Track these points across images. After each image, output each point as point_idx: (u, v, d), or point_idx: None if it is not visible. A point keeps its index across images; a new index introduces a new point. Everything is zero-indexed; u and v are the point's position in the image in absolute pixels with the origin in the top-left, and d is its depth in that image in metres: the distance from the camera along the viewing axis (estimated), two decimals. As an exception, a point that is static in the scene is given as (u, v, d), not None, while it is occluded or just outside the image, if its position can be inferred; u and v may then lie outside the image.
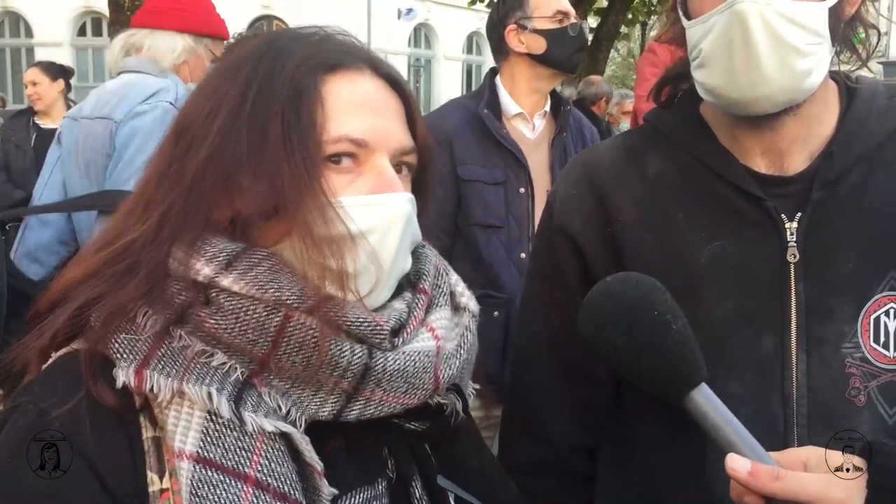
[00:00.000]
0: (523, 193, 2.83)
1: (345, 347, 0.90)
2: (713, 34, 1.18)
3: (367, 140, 0.96)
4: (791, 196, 1.27)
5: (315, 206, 0.90)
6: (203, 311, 0.89)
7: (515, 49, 2.89)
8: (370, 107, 0.99)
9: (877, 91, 1.31)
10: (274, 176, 0.91)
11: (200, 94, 0.99)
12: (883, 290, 1.23)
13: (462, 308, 1.09)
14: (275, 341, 0.89)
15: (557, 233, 1.40)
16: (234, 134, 0.93)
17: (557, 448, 1.43)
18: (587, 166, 1.41)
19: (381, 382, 0.93)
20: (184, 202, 0.93)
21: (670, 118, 1.39)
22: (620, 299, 1.01)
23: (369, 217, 0.94)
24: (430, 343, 0.98)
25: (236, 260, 0.90)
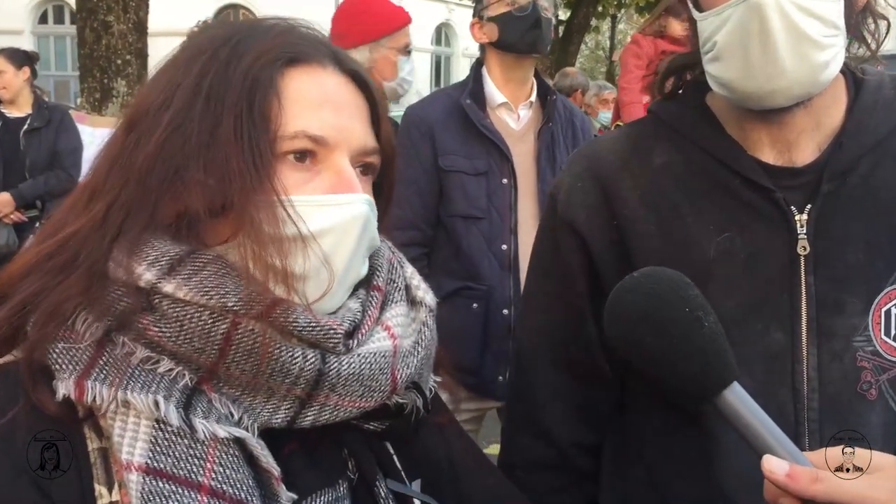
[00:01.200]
0: (506, 184, 2.81)
1: (296, 354, 0.86)
2: (729, 26, 1.16)
3: (326, 137, 0.92)
4: (800, 188, 1.25)
5: (264, 204, 0.86)
6: (146, 318, 0.85)
7: (479, 41, 2.92)
8: (332, 103, 0.95)
9: (883, 82, 1.30)
10: (223, 170, 0.87)
11: (153, 86, 0.94)
12: (893, 282, 1.22)
13: (418, 302, 1.06)
14: (222, 349, 0.85)
15: (561, 226, 1.37)
16: (185, 126, 0.89)
17: (560, 445, 1.41)
18: (591, 159, 1.38)
19: (336, 387, 0.89)
20: (130, 195, 0.88)
21: (676, 109, 1.36)
22: (650, 296, 0.97)
23: (324, 218, 0.90)
24: (387, 343, 0.95)
25: (179, 264, 0.86)
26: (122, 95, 7.60)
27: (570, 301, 1.37)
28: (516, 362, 1.46)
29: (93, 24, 7.55)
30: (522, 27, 2.83)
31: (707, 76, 1.24)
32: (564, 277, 1.37)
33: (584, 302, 1.36)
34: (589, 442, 1.43)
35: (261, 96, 0.90)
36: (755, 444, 0.92)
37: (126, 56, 7.58)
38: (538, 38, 2.84)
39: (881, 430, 1.21)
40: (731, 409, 0.93)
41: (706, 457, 1.26)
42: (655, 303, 0.96)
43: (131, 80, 7.63)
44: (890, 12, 1.25)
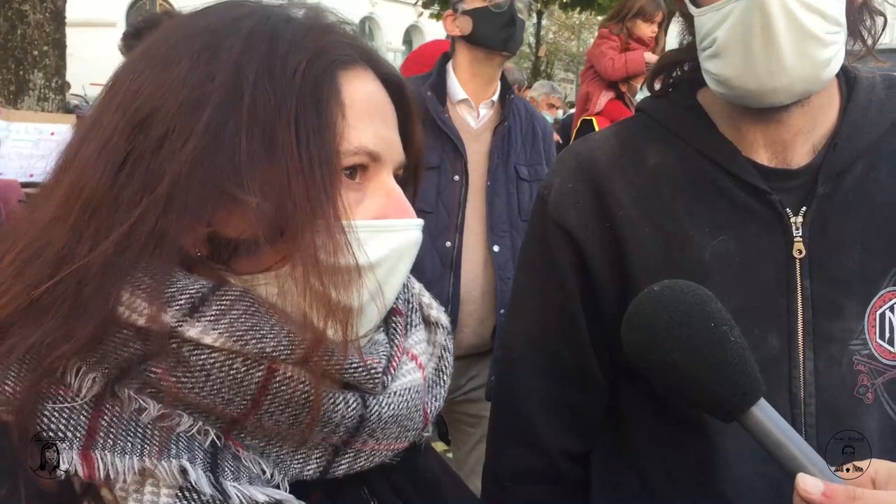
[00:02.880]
0: (457, 181, 2.76)
1: (338, 400, 0.77)
2: (730, 22, 1.13)
3: (380, 153, 0.82)
4: (795, 190, 1.24)
5: (324, 230, 0.75)
6: (158, 366, 0.71)
7: (452, 33, 2.87)
8: (380, 113, 0.84)
9: (875, 81, 1.29)
10: (284, 191, 0.73)
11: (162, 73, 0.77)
12: (888, 285, 1.21)
13: (433, 323, 0.97)
14: (255, 400, 0.74)
15: (552, 227, 1.32)
16: (228, 133, 0.73)
17: (550, 454, 1.36)
18: (582, 158, 1.34)
19: (375, 432, 0.81)
20: (157, 217, 0.71)
21: (668, 108, 1.33)
22: (674, 310, 0.92)
23: (379, 246, 0.79)
24: (417, 375, 0.86)
25: (203, 303, 0.72)
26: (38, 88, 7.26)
27: (562, 304, 1.32)
28: (503, 368, 1.41)
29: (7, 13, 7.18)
30: (497, 24, 2.78)
31: (704, 73, 1.21)
32: (556, 280, 1.32)
33: (577, 305, 1.31)
34: (578, 450, 1.39)
35: (325, 105, 0.77)
36: (785, 462, 0.88)
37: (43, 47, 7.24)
38: (511, 36, 2.80)
39: (878, 433, 1.20)
40: (759, 426, 0.89)
41: (705, 464, 1.23)
42: (680, 318, 0.91)
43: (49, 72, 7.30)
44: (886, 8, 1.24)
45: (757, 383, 0.89)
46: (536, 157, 2.92)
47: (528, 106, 3.08)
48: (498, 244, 2.76)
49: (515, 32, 2.81)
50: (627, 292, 1.26)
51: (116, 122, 0.75)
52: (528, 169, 2.87)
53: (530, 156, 2.90)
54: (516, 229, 2.80)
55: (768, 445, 0.88)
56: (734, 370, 0.89)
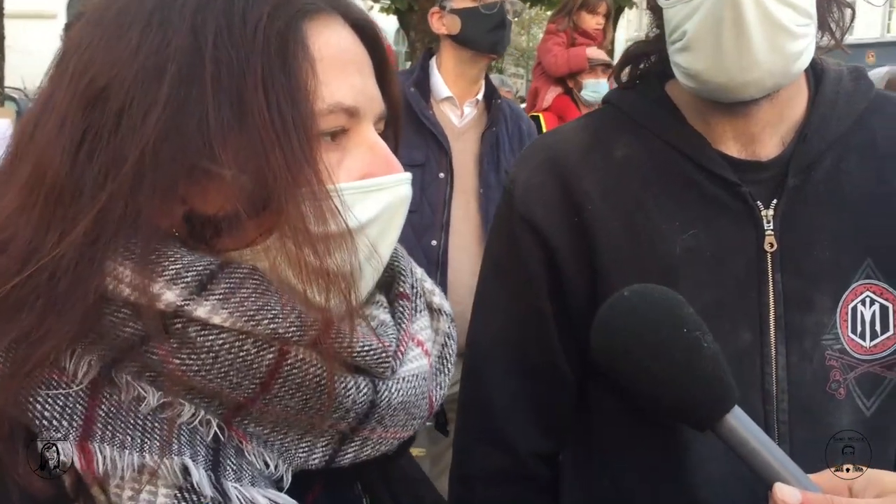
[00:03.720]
0: (442, 179, 2.73)
1: (349, 384, 0.73)
2: (700, 15, 1.10)
3: (358, 108, 0.76)
4: (765, 182, 1.22)
5: (311, 196, 0.70)
6: (162, 347, 0.67)
7: (437, 31, 2.83)
8: (354, 64, 0.77)
9: (842, 73, 1.28)
10: (260, 160, 0.68)
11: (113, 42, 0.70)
12: (859, 278, 1.20)
13: (436, 310, 0.92)
14: (264, 384, 0.70)
15: (519, 222, 1.29)
16: (193, 102, 0.67)
17: (519, 454, 1.33)
18: (549, 151, 1.31)
19: (384, 419, 0.77)
20: (125, 196, 0.66)
21: (636, 100, 1.30)
22: (645, 316, 0.89)
23: (370, 206, 0.75)
24: (423, 362, 0.82)
25: (212, 281, 0.68)
26: (-22, 81, 7.05)
27: (529, 301, 1.29)
28: (470, 367, 1.37)
29: (-58, 5, 6.96)
30: (487, 25, 2.74)
31: (673, 67, 1.18)
32: (522, 276, 1.29)
33: (544, 302, 1.28)
34: (548, 450, 1.35)
35: (293, 61, 0.71)
36: (760, 471, 0.85)
37: (-20, 39, 7.04)
38: (500, 39, 2.77)
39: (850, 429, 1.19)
40: (733, 435, 0.86)
41: (678, 465, 1.21)
42: (653, 324, 0.88)
43: (-14, 65, 7.10)
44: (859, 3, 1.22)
45: (731, 390, 0.87)
46: None
47: (513, 107, 3.06)
48: None
49: (505, 35, 2.79)
50: (597, 288, 1.24)
51: (70, 98, 0.69)
52: None
53: None
54: None
55: (743, 454, 0.86)
56: (707, 377, 0.86)
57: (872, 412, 1.20)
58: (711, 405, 0.85)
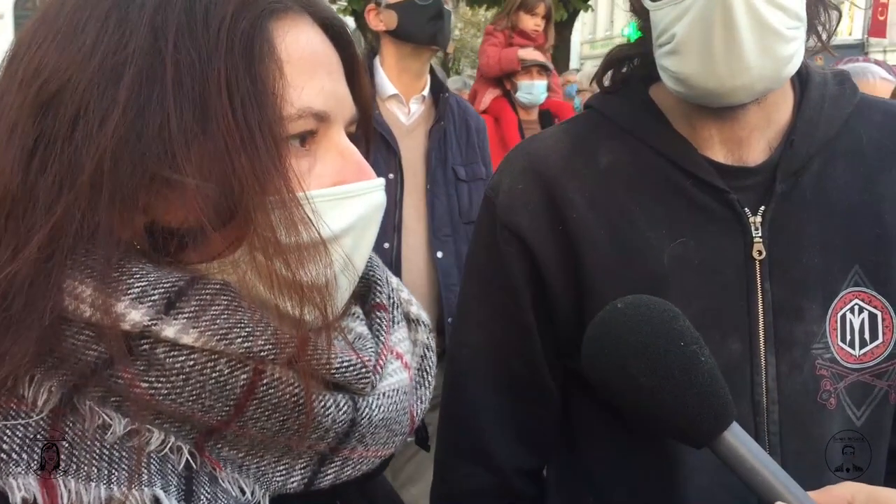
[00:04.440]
0: (392, 180, 2.68)
1: (328, 402, 0.70)
2: (690, 17, 1.06)
3: (328, 112, 0.72)
4: (752, 188, 1.19)
5: (278, 206, 0.66)
6: (128, 370, 0.62)
7: (376, 28, 2.78)
8: (323, 66, 0.74)
9: (826, 77, 1.26)
10: (225, 168, 0.64)
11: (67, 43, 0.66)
12: (848, 285, 1.18)
13: (413, 321, 0.89)
14: (239, 405, 0.66)
15: (502, 231, 1.24)
16: (154, 106, 0.63)
17: (502, 472, 1.28)
18: (532, 157, 1.27)
19: (365, 437, 0.74)
20: (86, 208, 0.62)
21: (620, 104, 1.27)
22: (640, 329, 0.85)
23: (342, 215, 0.71)
24: (403, 375, 0.79)
25: (181, 298, 0.64)
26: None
27: (513, 313, 1.25)
28: (451, 382, 1.33)
29: None
30: (424, 17, 2.68)
31: (660, 70, 1.15)
32: (506, 287, 1.25)
33: (528, 313, 1.24)
34: (532, 466, 1.31)
35: (258, 63, 0.67)
36: (760, 489, 0.82)
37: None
38: (439, 30, 2.70)
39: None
40: (731, 452, 0.83)
41: (666, 478, 1.18)
42: (649, 338, 0.85)
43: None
44: (843, 5, 1.20)
45: (729, 407, 0.83)
46: (472, 155, 2.85)
47: (460, 102, 3.00)
48: (441, 250, 2.68)
49: (444, 25, 2.72)
50: (583, 298, 1.20)
51: (20, 103, 0.65)
52: (465, 169, 2.80)
53: (466, 154, 2.83)
54: (458, 233, 2.72)
55: (742, 472, 0.82)
56: (705, 393, 0.83)
57: (863, 422, 1.18)
58: (709, 422, 0.82)
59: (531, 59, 4.30)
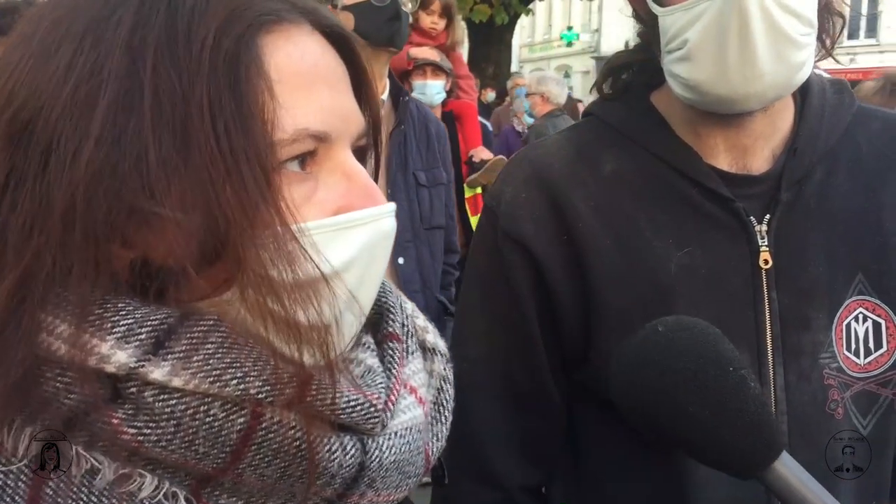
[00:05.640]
0: None
1: (334, 446, 0.64)
2: (703, 23, 1.04)
3: (329, 132, 0.66)
4: (757, 197, 1.18)
5: (273, 240, 0.60)
6: (114, 415, 0.58)
7: None
8: (323, 80, 0.67)
9: (824, 85, 1.25)
10: (209, 200, 0.59)
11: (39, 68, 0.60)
12: (852, 294, 1.18)
13: (429, 349, 0.82)
14: (237, 452, 0.61)
15: (505, 240, 1.21)
16: (131, 135, 0.58)
17: (506, 489, 1.24)
18: (535, 165, 1.23)
19: (375, 482, 0.68)
20: (58, 249, 0.58)
21: (623, 112, 1.25)
22: (686, 354, 0.81)
23: (345, 247, 0.65)
24: (418, 412, 0.73)
25: (170, 337, 0.59)
26: None
27: (517, 324, 1.21)
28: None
29: None
30: (381, 18, 2.62)
31: (670, 77, 1.13)
32: (509, 296, 1.21)
33: (533, 324, 1.21)
34: (536, 482, 1.28)
35: (243, 82, 0.61)
36: None
37: None
38: (396, 31, 2.65)
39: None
40: (782, 483, 0.79)
41: (676, 492, 1.15)
42: (696, 364, 0.80)
43: None
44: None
45: (779, 435, 0.81)
46: (433, 160, 2.81)
47: (420, 106, 2.96)
48: (402, 256, 2.63)
49: (401, 27, 2.67)
50: (589, 308, 1.18)
51: None
52: (426, 174, 2.76)
53: (427, 159, 2.79)
54: (420, 239, 2.68)
55: (792, 502, 0.80)
56: (757, 422, 0.80)
57: (869, 430, 1.18)
58: (761, 453, 0.79)
59: (422, 58, 4.11)
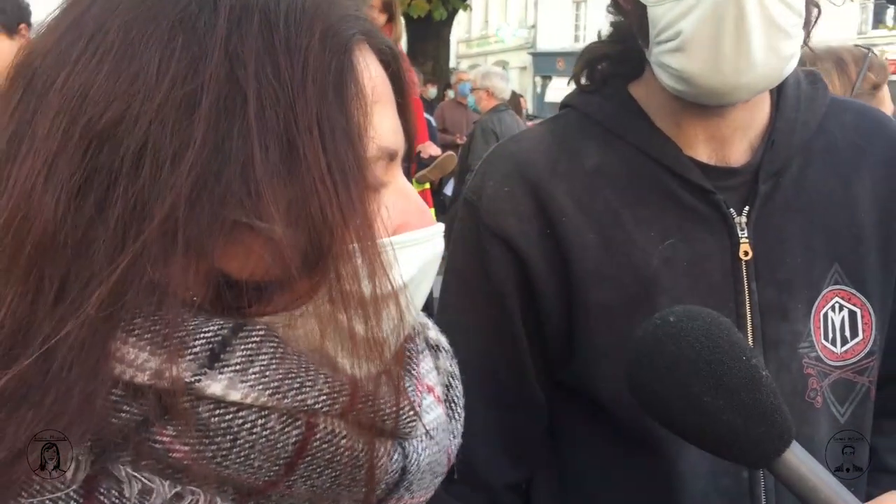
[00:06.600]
0: None
1: (380, 452, 0.64)
2: (698, 14, 1.03)
3: (397, 150, 0.67)
4: (736, 189, 1.18)
5: (363, 253, 0.60)
6: (164, 431, 0.56)
7: None
8: (388, 99, 0.67)
9: (799, 77, 1.26)
10: (315, 214, 0.57)
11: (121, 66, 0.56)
12: (829, 284, 1.19)
13: (433, 346, 0.82)
14: (290, 464, 0.59)
15: (487, 235, 1.19)
16: (235, 145, 0.55)
17: (491, 488, 1.23)
18: (517, 160, 1.21)
19: (412, 484, 0.68)
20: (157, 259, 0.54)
21: (602, 104, 1.23)
22: (703, 344, 0.80)
23: (409, 263, 0.65)
24: (439, 411, 0.73)
25: (225, 349, 0.57)
26: None
27: (500, 321, 1.19)
28: None
29: None
30: None
31: (659, 68, 1.11)
32: (492, 293, 1.19)
33: (516, 321, 1.19)
34: (520, 480, 1.26)
35: (349, 96, 0.60)
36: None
37: None
38: None
39: (828, 438, 1.18)
40: (793, 472, 0.78)
41: (661, 486, 1.15)
42: (710, 354, 0.79)
43: None
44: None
45: (790, 424, 0.80)
46: None
47: None
48: None
49: None
50: (572, 303, 1.17)
51: (62, 133, 0.55)
52: None
53: None
54: None
55: (803, 491, 0.79)
56: (769, 411, 0.79)
57: (846, 419, 1.20)
58: (774, 442, 0.78)
59: None
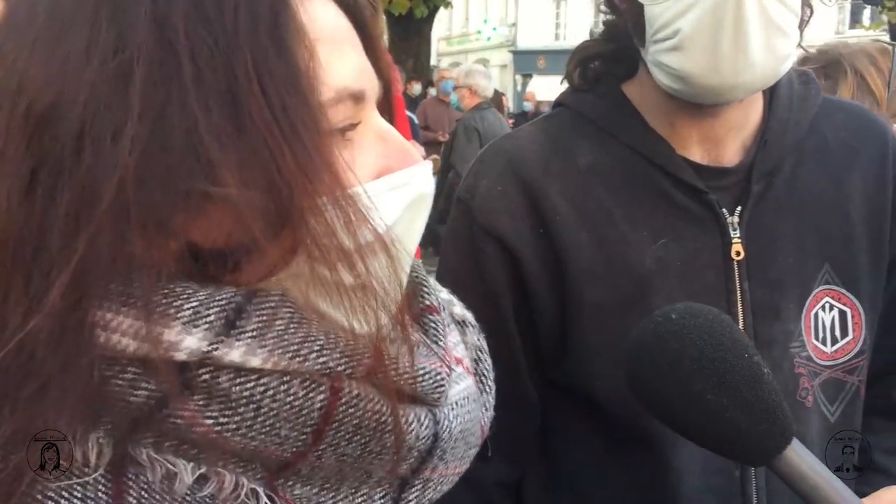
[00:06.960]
0: None
1: (410, 418, 0.62)
2: (697, 13, 1.03)
3: (364, 90, 0.63)
4: (729, 188, 1.18)
5: (335, 205, 0.57)
6: (186, 406, 0.54)
7: None
8: (349, 40, 0.63)
9: (791, 76, 1.26)
10: (270, 171, 0.54)
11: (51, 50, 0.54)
12: (819, 284, 1.20)
13: (459, 322, 0.82)
14: (318, 431, 0.58)
15: (480, 234, 1.18)
16: (174, 111, 0.52)
17: (482, 488, 1.22)
18: (510, 158, 1.21)
19: (445, 453, 0.67)
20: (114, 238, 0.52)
21: (595, 103, 1.23)
22: (703, 340, 0.80)
23: (391, 207, 0.62)
24: (469, 381, 0.73)
25: (240, 316, 0.55)
26: None
27: (493, 319, 1.17)
28: None
29: None
30: None
31: (655, 67, 1.11)
32: (485, 293, 1.18)
33: (509, 319, 1.19)
34: (512, 479, 1.26)
35: (288, 41, 0.56)
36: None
37: None
38: None
39: (818, 437, 1.18)
40: (793, 470, 0.79)
41: (654, 483, 1.15)
42: (712, 351, 0.79)
43: None
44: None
45: (791, 421, 0.80)
46: None
47: None
48: None
49: None
50: (566, 303, 1.17)
51: (4, 127, 0.54)
52: None
53: None
54: None
55: (803, 489, 0.79)
56: (770, 408, 0.79)
57: (836, 418, 1.20)
58: (775, 439, 0.79)
59: None
